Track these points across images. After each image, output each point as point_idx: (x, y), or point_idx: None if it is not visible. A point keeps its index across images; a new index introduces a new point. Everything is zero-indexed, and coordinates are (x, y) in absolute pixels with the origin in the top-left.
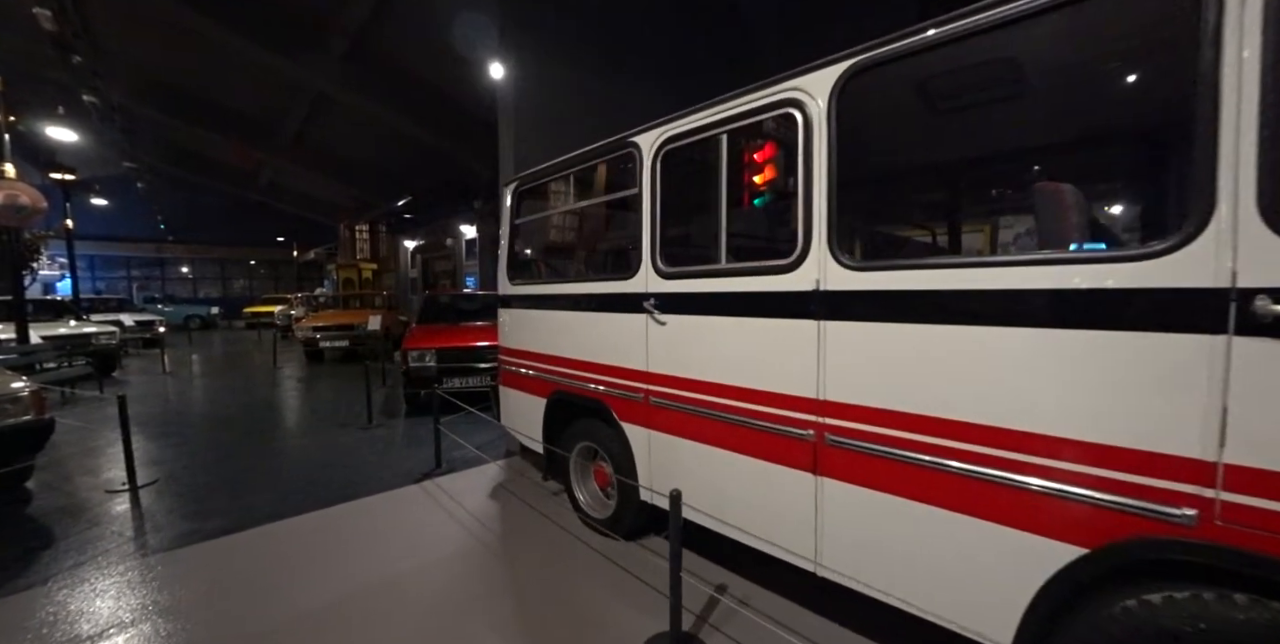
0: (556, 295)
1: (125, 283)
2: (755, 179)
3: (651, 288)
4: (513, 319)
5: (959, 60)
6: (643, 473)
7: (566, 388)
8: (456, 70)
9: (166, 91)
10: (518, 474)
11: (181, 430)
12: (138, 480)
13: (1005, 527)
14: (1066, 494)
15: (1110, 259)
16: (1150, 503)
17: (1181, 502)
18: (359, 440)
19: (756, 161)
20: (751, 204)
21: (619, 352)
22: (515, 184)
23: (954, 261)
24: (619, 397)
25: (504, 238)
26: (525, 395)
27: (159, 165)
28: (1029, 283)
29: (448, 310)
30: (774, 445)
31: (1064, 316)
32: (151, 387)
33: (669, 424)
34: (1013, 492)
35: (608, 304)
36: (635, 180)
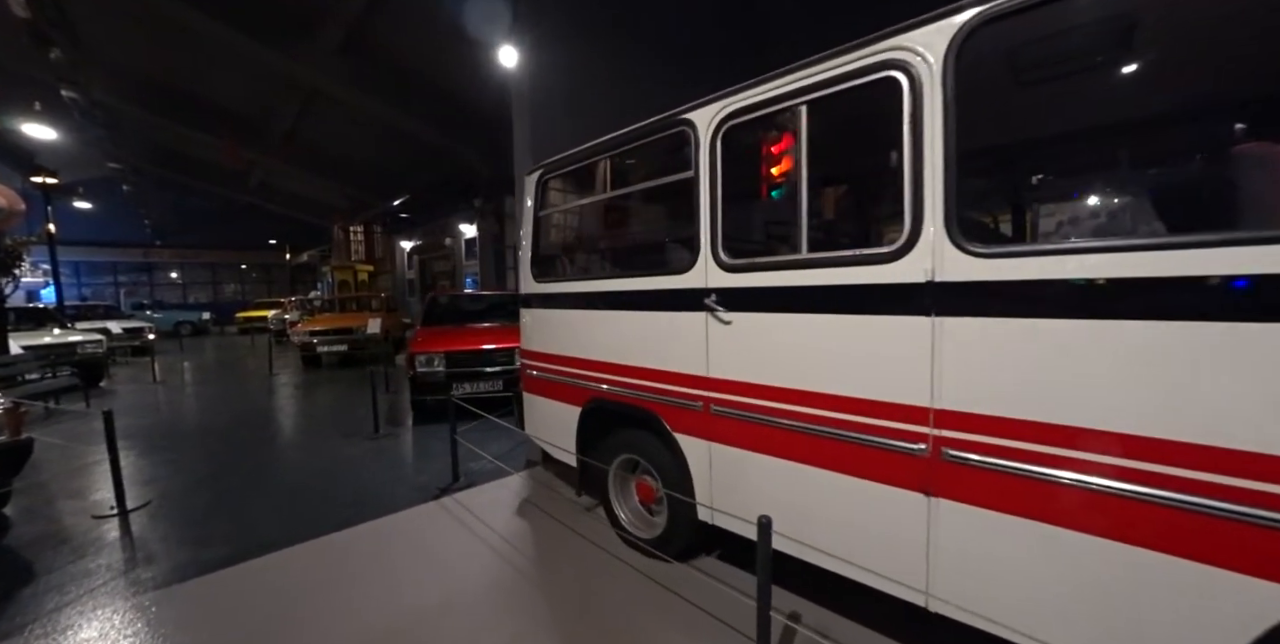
0: (593, 294)
1: (112, 289)
2: (842, 156)
3: (712, 282)
4: (538, 320)
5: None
6: (700, 489)
7: (605, 395)
8: (457, 63)
9: (151, 88)
10: (543, 487)
11: (175, 444)
12: (128, 503)
13: (1206, 565)
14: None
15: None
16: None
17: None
18: (367, 452)
19: (843, 136)
20: (836, 185)
21: (671, 355)
22: (540, 173)
23: (1128, 244)
24: (672, 405)
25: (526, 232)
26: (555, 403)
27: (144, 167)
28: (1252, 266)
29: (453, 311)
30: (874, 461)
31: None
32: (141, 397)
33: (735, 436)
34: (1226, 524)
35: (657, 302)
36: (689, 163)
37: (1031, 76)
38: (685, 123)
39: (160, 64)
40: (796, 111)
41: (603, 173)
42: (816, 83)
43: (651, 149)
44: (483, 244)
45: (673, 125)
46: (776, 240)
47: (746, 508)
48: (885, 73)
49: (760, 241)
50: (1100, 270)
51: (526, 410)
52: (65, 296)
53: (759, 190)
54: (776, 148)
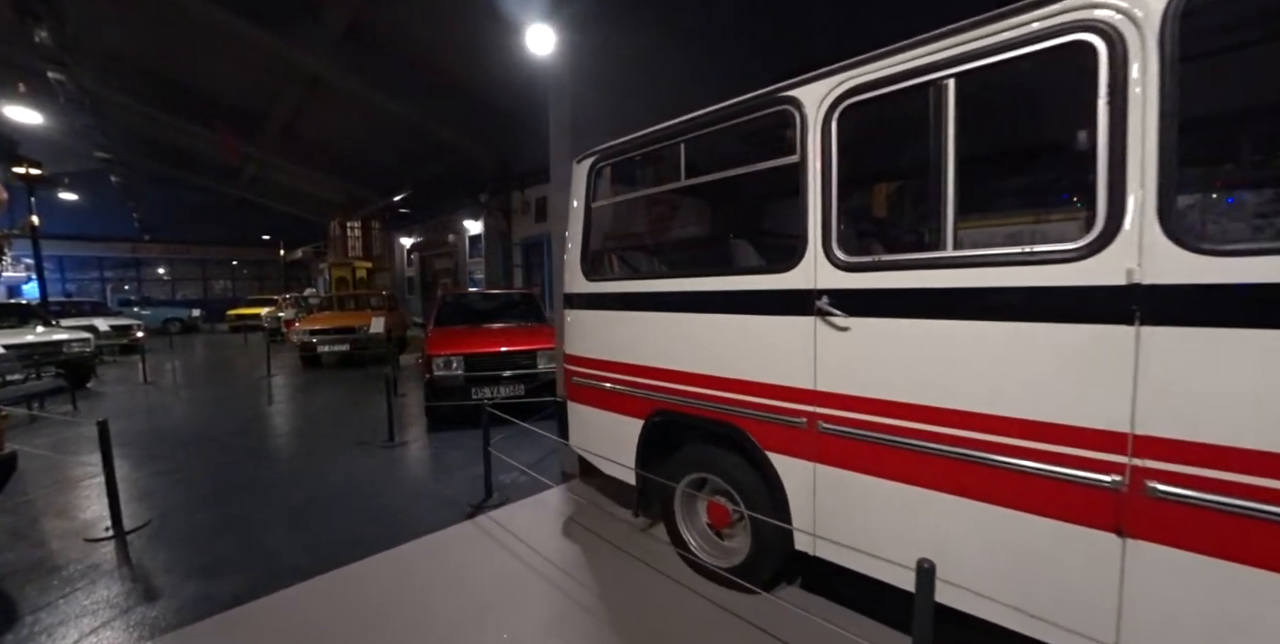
0: (660, 294)
1: (99, 285)
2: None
3: (824, 283)
4: (587, 322)
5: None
6: (800, 515)
7: (675, 407)
8: (467, 51)
9: (143, 76)
10: (587, 504)
11: (172, 453)
12: (125, 523)
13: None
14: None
15: None
16: None
17: None
18: (384, 462)
19: (1003, 113)
20: (995, 170)
21: (765, 364)
22: (593, 160)
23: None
24: (765, 421)
25: (575, 226)
26: (609, 414)
27: (134, 159)
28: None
29: (467, 311)
30: (1053, 494)
31: None
32: (132, 399)
33: (852, 458)
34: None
35: (748, 304)
36: (792, 146)
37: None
38: (788, 101)
39: (153, 49)
40: (941, 86)
41: (674, 159)
42: (971, 52)
43: (738, 132)
44: (489, 241)
45: (771, 104)
46: (910, 233)
47: (865, 539)
48: (1073, 36)
49: (887, 234)
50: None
51: (571, 421)
52: (49, 292)
53: (884, 177)
54: (911, 129)
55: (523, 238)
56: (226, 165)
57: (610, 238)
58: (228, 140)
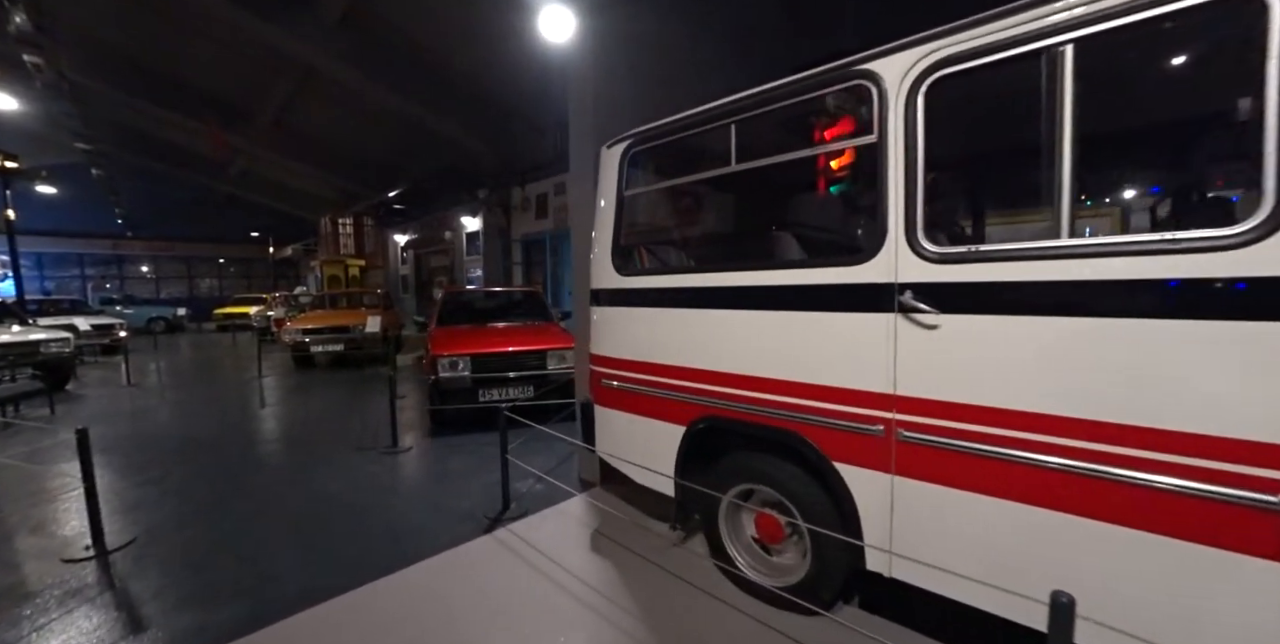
0: (707, 290)
1: (79, 282)
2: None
3: (907, 276)
4: (618, 321)
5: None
6: (873, 532)
7: (722, 413)
8: (468, 41)
9: (126, 64)
10: (613, 514)
11: (159, 461)
12: (107, 542)
13: None
14: None
15: None
16: None
17: None
18: (388, 470)
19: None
20: (1119, 149)
21: (834, 365)
22: (626, 144)
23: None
24: (832, 428)
25: (605, 217)
26: (644, 420)
27: (116, 152)
28: None
29: (470, 309)
30: (1213, 519)
31: None
32: (115, 403)
33: (943, 471)
34: None
35: (812, 300)
36: (867, 125)
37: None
38: (864, 75)
39: (135, 35)
40: (1056, 53)
41: (721, 142)
42: (1096, 13)
43: (796, 111)
44: (487, 238)
45: (843, 79)
46: (1009, 222)
47: (956, 561)
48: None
49: (982, 225)
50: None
51: (599, 426)
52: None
53: (978, 159)
54: (1017, 102)
55: (523, 235)
56: (213, 159)
57: (646, 230)
58: (215, 133)
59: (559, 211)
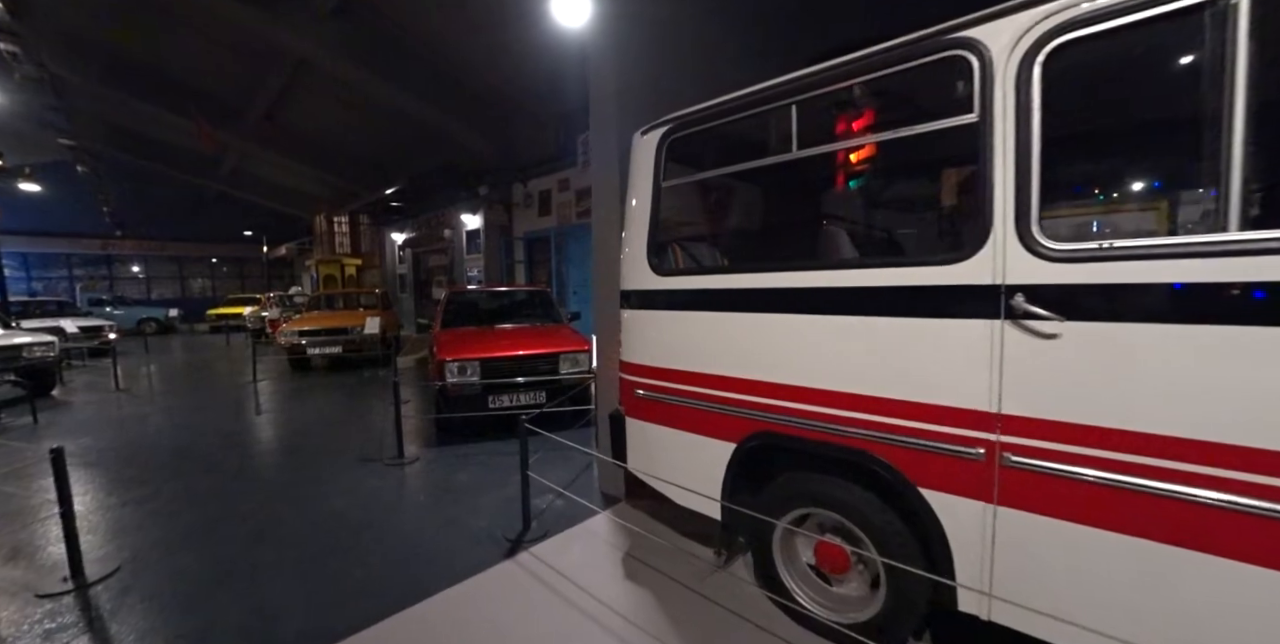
0: (763, 291)
1: (67, 283)
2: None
3: (1018, 276)
4: (653, 325)
5: None
6: (966, 568)
7: (781, 429)
8: (468, 31)
9: (110, 58)
10: (642, 535)
11: (147, 476)
12: (87, 572)
13: None
14: None
15: None
16: None
17: None
18: (395, 484)
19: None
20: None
21: (922, 379)
22: (666, 130)
23: None
24: (920, 449)
25: (639, 210)
26: (685, 435)
27: (102, 148)
28: None
29: (476, 310)
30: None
31: None
32: (102, 410)
33: (1064, 504)
34: None
35: (894, 304)
36: (964, 103)
37: None
38: (962, 44)
39: (121, 28)
40: (1223, 9)
41: (779, 126)
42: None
43: (868, 89)
44: (488, 236)
45: (934, 50)
46: (1149, 212)
47: (1073, 608)
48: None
49: (1110, 211)
50: None
51: (632, 440)
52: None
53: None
54: (1164, 69)
55: (525, 232)
56: (204, 156)
57: (688, 225)
58: (205, 129)
59: (563, 208)
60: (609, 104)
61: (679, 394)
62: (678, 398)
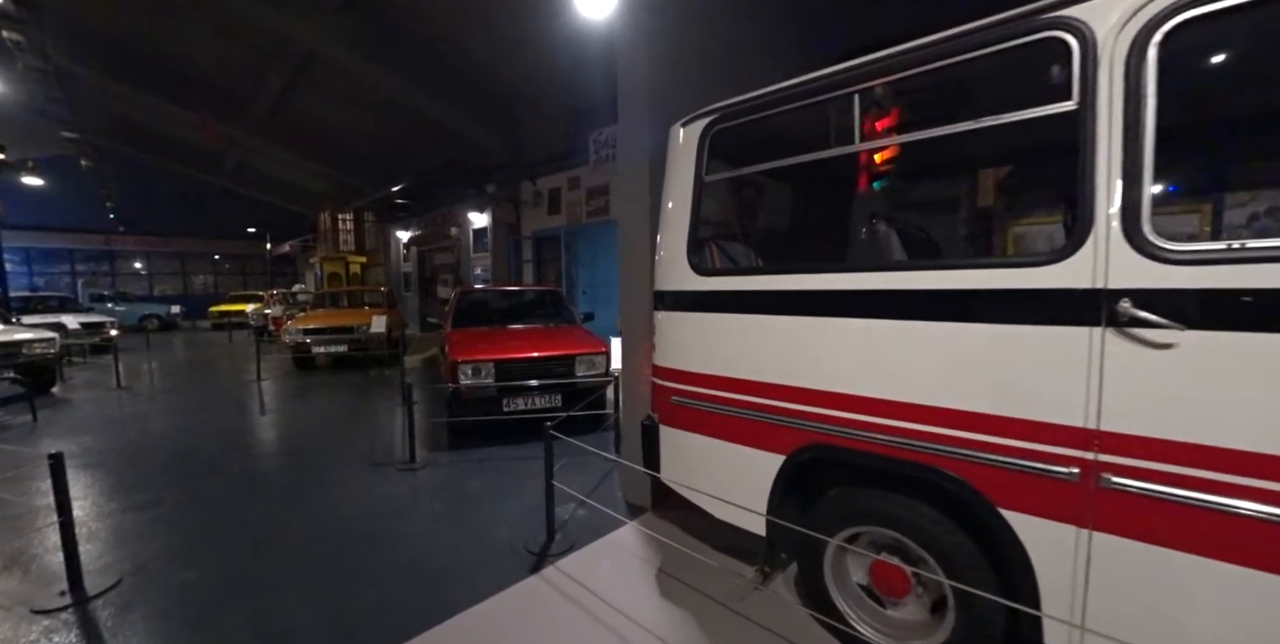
0: (821, 294)
1: (69, 279)
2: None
3: (1124, 280)
4: (694, 328)
5: None
6: (1055, 598)
7: (837, 441)
8: (479, 25)
9: (115, 51)
10: (672, 547)
11: (150, 480)
12: (86, 586)
13: None
14: None
15: None
16: None
17: None
18: (410, 491)
19: None
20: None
21: (1006, 391)
22: (709, 121)
23: None
24: (1002, 467)
25: (678, 206)
26: (728, 446)
27: (105, 143)
28: None
29: (488, 310)
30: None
31: None
32: (103, 408)
33: (1176, 532)
34: None
35: (976, 309)
36: (1060, 88)
37: None
38: (1060, 25)
39: (124, 17)
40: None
41: (838, 116)
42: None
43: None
44: (495, 234)
45: (1026, 32)
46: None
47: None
48: None
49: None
50: None
51: (666, 450)
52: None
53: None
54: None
55: (534, 231)
56: (208, 151)
57: (732, 222)
58: (209, 123)
59: (573, 206)
60: (638, 97)
61: (720, 402)
62: (719, 406)
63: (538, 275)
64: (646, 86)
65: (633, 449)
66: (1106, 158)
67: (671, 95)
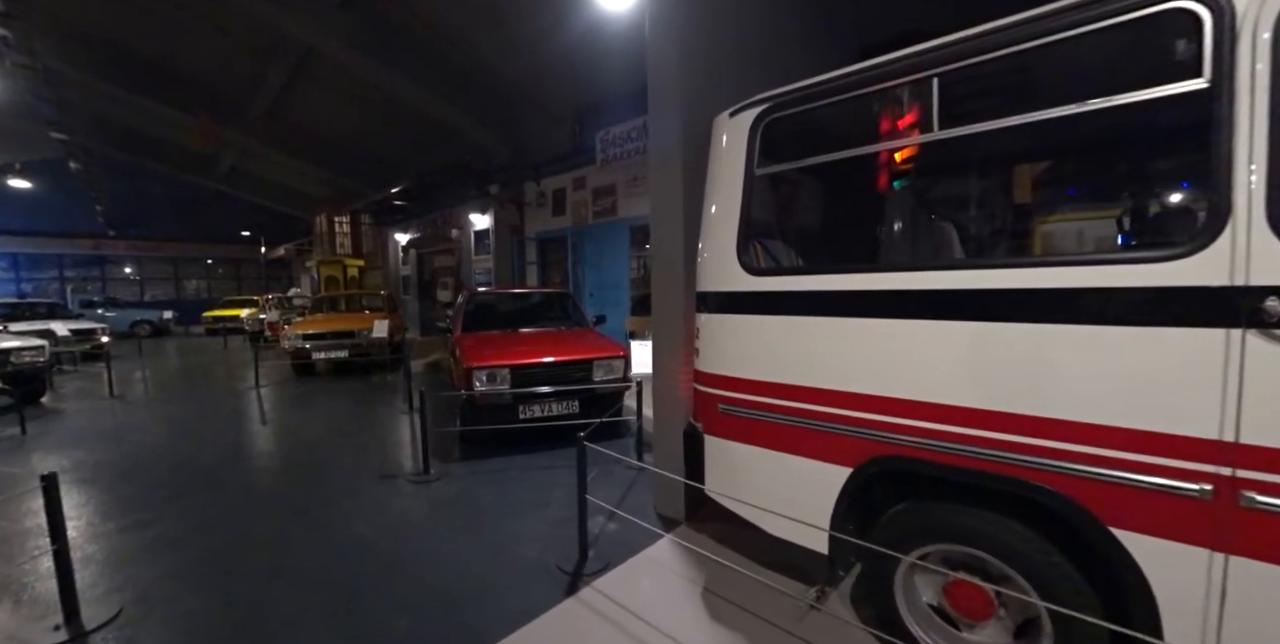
0: (894, 294)
1: (58, 284)
2: None
3: (1268, 276)
4: (742, 331)
5: None
6: (1180, 629)
7: (915, 453)
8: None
9: (106, 50)
10: (715, 562)
11: (148, 498)
12: (84, 618)
13: None
14: None
15: None
16: None
17: None
18: (424, 505)
19: None
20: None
21: (1121, 399)
22: (762, 110)
23: None
24: (1116, 483)
25: (729, 202)
26: (784, 457)
27: (96, 146)
28: None
29: (498, 313)
30: None
31: None
32: (96, 419)
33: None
34: None
35: (1085, 309)
36: (1188, 66)
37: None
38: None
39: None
40: None
41: (913, 102)
42: None
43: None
44: (498, 236)
45: (1144, 5)
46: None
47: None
48: None
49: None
50: None
51: (712, 461)
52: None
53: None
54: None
55: (537, 232)
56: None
57: (783, 217)
58: (203, 125)
59: (578, 207)
60: (669, 88)
61: (776, 410)
62: (774, 414)
63: (542, 277)
64: (679, 77)
65: (666, 458)
66: (1248, 140)
67: (704, 87)
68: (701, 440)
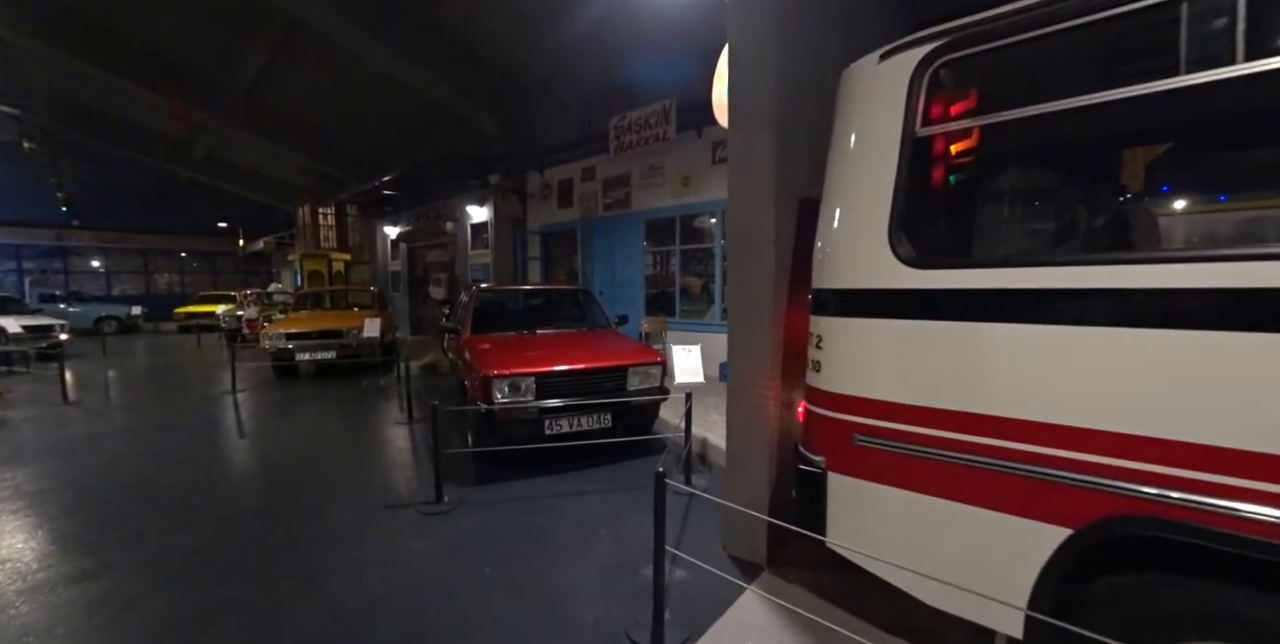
0: (1152, 295)
1: (16, 277)
2: None
3: None
4: (894, 342)
5: None
6: None
7: (1184, 514)
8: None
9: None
10: (826, 626)
11: (93, 535)
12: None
13: None
14: None
15: None
16: None
17: None
18: (444, 545)
19: None
20: None
21: None
22: (929, 52)
23: None
24: None
25: (877, 171)
26: (959, 507)
27: (55, 126)
28: None
29: (509, 313)
30: None
31: None
32: (44, 431)
33: None
34: None
35: None
36: None
37: None
38: None
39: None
40: None
41: (1151, 38)
42: None
43: None
44: (499, 229)
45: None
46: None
47: None
48: None
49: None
50: None
51: (840, 505)
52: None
53: None
54: None
55: (542, 225)
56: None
57: (968, 191)
58: (177, 105)
59: (586, 199)
60: (763, 36)
61: (949, 446)
62: (946, 451)
63: (546, 273)
64: (773, 18)
65: (740, 490)
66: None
67: (797, 35)
68: (824, 479)
